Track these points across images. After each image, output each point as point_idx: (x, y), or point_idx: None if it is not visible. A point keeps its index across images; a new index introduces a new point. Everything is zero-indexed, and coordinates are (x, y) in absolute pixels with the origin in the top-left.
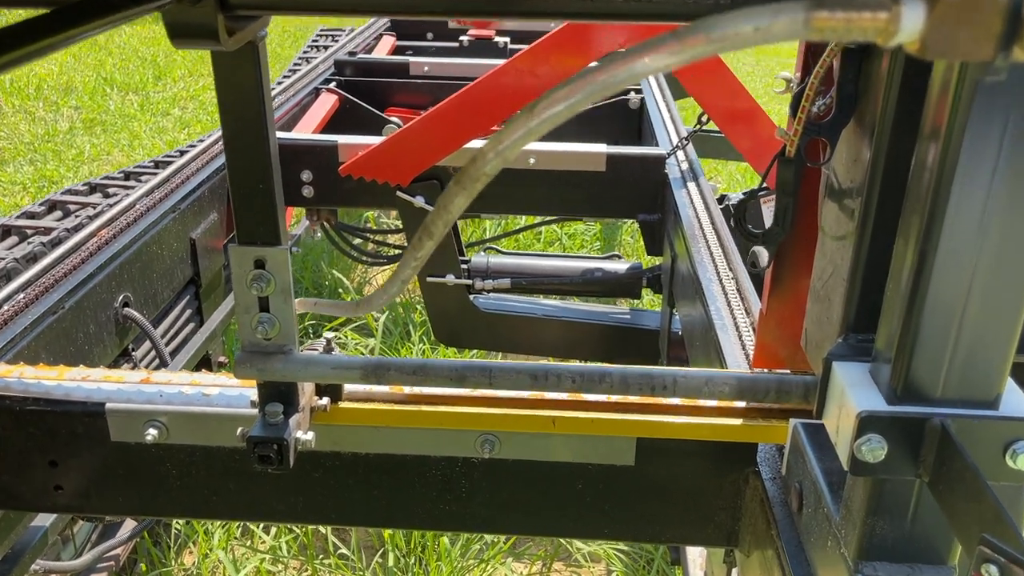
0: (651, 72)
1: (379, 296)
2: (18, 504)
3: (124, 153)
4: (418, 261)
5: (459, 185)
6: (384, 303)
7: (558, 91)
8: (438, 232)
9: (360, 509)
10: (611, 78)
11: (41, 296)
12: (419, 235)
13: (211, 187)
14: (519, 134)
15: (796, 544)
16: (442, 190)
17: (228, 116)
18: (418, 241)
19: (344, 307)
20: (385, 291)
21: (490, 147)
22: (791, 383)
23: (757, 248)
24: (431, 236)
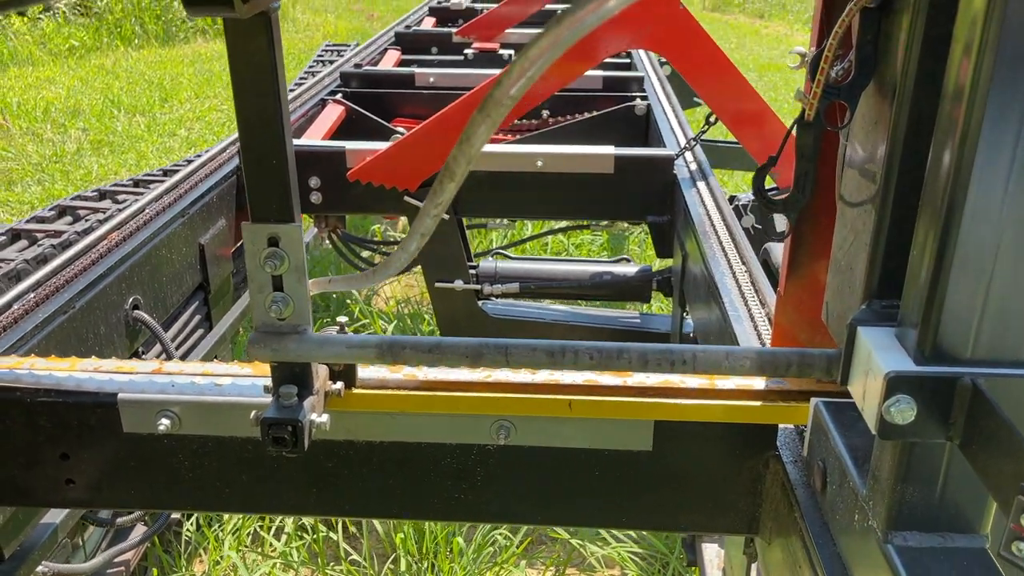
0: None
1: (397, 256)
2: (29, 500)
3: (131, 172)
4: (439, 208)
5: (483, 113)
6: (404, 263)
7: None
8: (460, 171)
9: (374, 500)
10: None
11: (52, 296)
12: (441, 176)
13: (220, 193)
14: (547, 49)
15: (821, 525)
16: None
17: (241, 88)
18: (439, 184)
19: (361, 279)
20: (404, 249)
21: (516, 68)
22: (813, 356)
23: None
24: (452, 176)
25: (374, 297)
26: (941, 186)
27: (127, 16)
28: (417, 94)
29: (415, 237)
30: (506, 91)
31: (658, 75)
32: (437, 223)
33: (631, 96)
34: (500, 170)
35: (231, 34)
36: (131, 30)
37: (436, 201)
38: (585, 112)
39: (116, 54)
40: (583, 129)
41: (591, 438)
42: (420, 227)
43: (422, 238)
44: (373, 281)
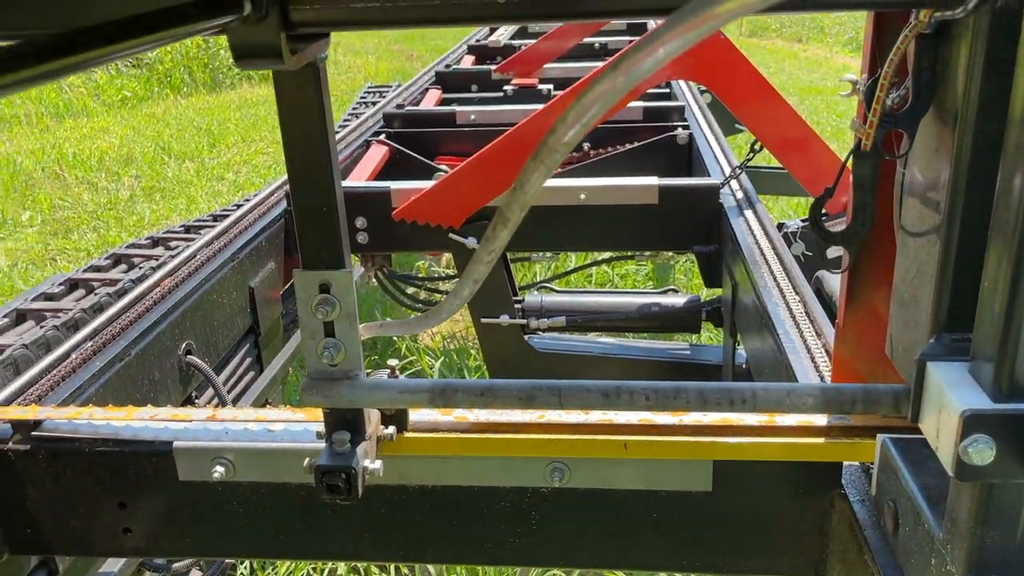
0: None
1: (450, 301)
2: (88, 549)
3: (182, 217)
4: (492, 255)
5: (536, 159)
6: (456, 309)
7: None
8: (514, 217)
9: (428, 545)
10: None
11: (108, 344)
12: (494, 223)
13: (268, 236)
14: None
15: (894, 568)
16: None
17: (291, 138)
18: (492, 231)
19: (413, 323)
20: (456, 295)
21: (572, 114)
22: (879, 392)
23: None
24: (506, 223)
25: (420, 334)
26: (1013, 211)
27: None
28: (459, 132)
29: (468, 283)
30: (560, 138)
31: (698, 103)
32: (490, 269)
33: (672, 126)
34: (543, 204)
35: (280, 86)
36: (180, 79)
37: (490, 248)
38: (627, 143)
39: (166, 102)
40: (625, 160)
41: (647, 479)
42: (473, 273)
43: (475, 284)
44: (425, 326)
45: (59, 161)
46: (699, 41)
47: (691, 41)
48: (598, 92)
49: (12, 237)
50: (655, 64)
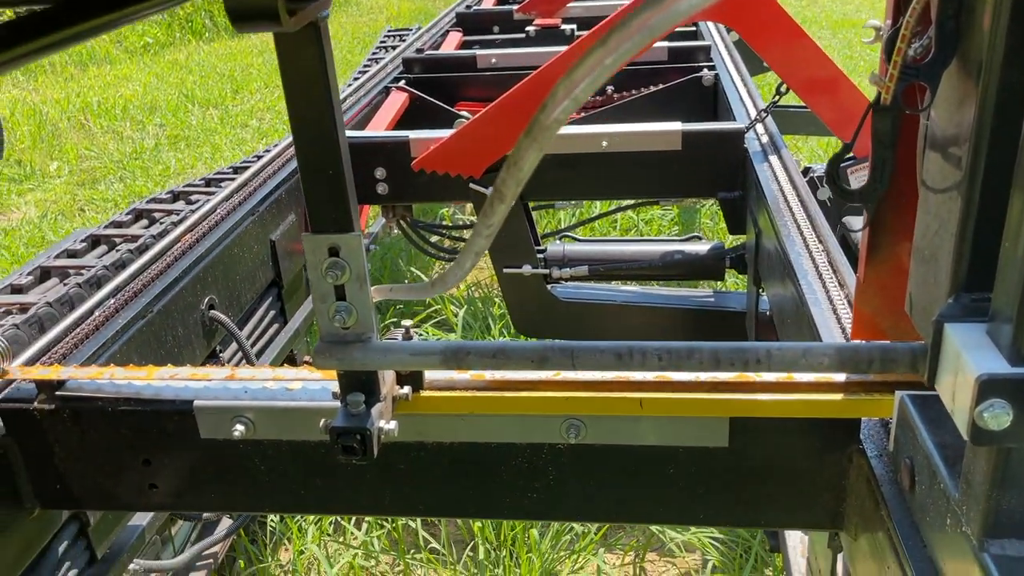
0: None
1: (454, 273)
2: (116, 504)
3: (207, 166)
4: (491, 229)
5: (529, 137)
6: (460, 279)
7: (634, 18)
8: (510, 193)
9: (447, 500)
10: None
11: (131, 301)
12: (490, 199)
13: (288, 189)
14: (593, 71)
15: (910, 524)
16: None
17: (294, 101)
18: (489, 207)
19: (419, 289)
20: (460, 266)
21: (562, 90)
22: (897, 351)
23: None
24: (503, 199)
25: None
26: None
27: (197, 11)
28: (479, 76)
29: (470, 256)
30: (550, 114)
31: (725, 43)
32: (490, 243)
33: (698, 67)
34: (565, 152)
35: (281, 47)
36: (201, 24)
37: (488, 223)
38: (651, 86)
39: (188, 48)
40: (649, 103)
41: (663, 435)
42: (474, 247)
43: (476, 256)
44: (432, 292)
45: (84, 110)
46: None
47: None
48: (587, 67)
49: (41, 188)
50: (645, 37)
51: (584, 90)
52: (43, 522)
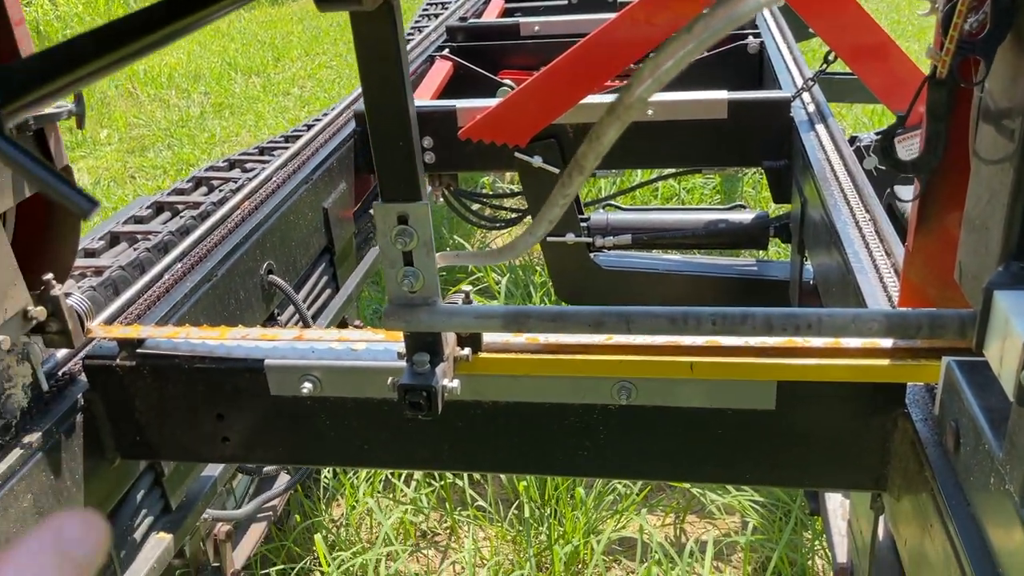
0: None
1: (523, 240)
2: (191, 455)
3: (251, 133)
4: (566, 199)
5: (612, 114)
6: (530, 246)
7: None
8: (589, 165)
9: (502, 455)
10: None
11: (196, 265)
12: (569, 170)
13: (339, 158)
14: (677, 54)
15: (953, 485)
16: (560, 149)
17: (368, 76)
18: (568, 177)
19: (486, 255)
20: (531, 234)
21: (647, 70)
22: (945, 318)
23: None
24: (582, 171)
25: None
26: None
27: None
28: (522, 44)
29: (543, 223)
30: (633, 94)
31: (771, 9)
32: (564, 211)
33: (743, 34)
34: None
35: (358, 25)
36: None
37: (565, 192)
38: None
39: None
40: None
41: (711, 398)
42: (548, 215)
43: (549, 224)
44: (499, 259)
45: (131, 79)
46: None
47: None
48: (671, 51)
49: (93, 155)
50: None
51: (667, 72)
52: (123, 472)
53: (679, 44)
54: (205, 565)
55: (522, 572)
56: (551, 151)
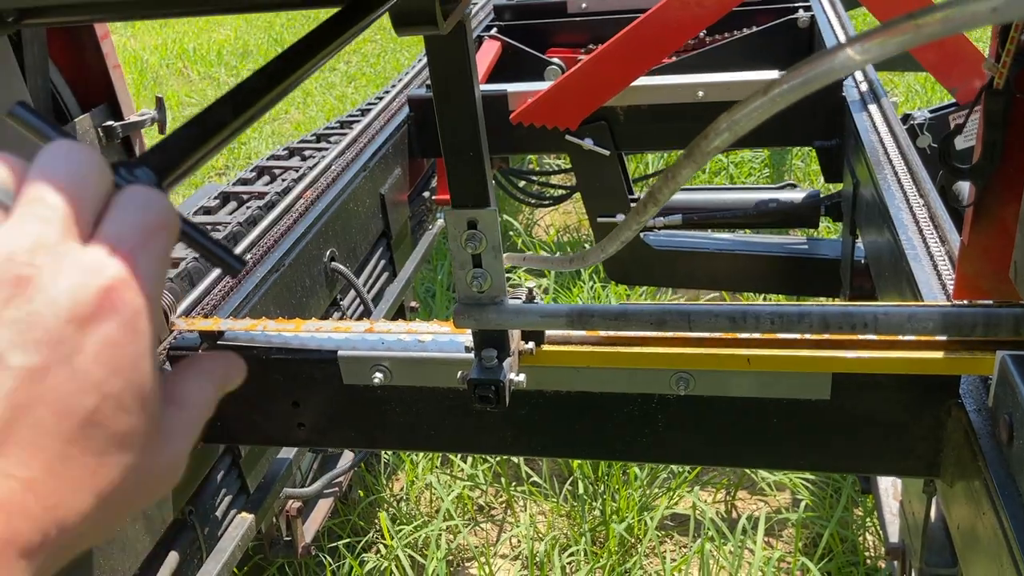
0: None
1: (595, 253)
2: (268, 440)
3: (300, 110)
4: (640, 224)
5: (689, 159)
6: (600, 260)
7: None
8: (663, 198)
9: (563, 442)
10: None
11: (265, 256)
12: (644, 201)
13: (394, 144)
14: (754, 113)
15: (1006, 476)
16: (610, 131)
17: (442, 93)
18: (642, 207)
19: (556, 261)
20: (603, 249)
21: (723, 124)
22: (1000, 316)
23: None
24: (656, 203)
25: (534, 227)
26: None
27: None
28: (570, 22)
29: (615, 243)
30: (712, 143)
31: None
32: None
33: (793, 7)
34: (661, 103)
35: (431, 45)
36: None
37: (639, 219)
38: (744, 28)
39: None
40: (742, 48)
41: (768, 388)
42: (621, 236)
43: (621, 243)
44: (568, 267)
45: (181, 57)
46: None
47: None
48: (748, 109)
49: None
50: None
51: (742, 126)
52: (204, 455)
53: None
54: (278, 540)
55: (577, 547)
56: (602, 133)
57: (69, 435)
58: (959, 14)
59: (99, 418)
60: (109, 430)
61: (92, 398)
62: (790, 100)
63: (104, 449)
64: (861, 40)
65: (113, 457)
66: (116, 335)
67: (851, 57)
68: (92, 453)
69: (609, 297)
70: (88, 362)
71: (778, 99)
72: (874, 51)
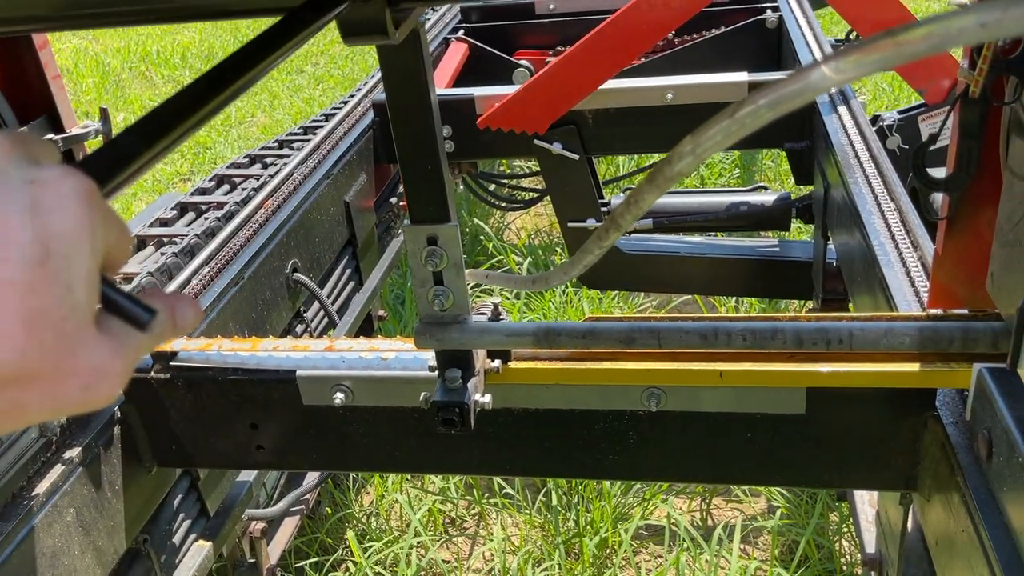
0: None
1: (557, 275)
2: (227, 463)
3: (266, 113)
4: (602, 249)
5: (652, 183)
6: (563, 282)
7: (760, 95)
8: (626, 223)
9: (531, 461)
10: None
11: (223, 269)
12: (607, 226)
13: (358, 150)
14: (718, 136)
15: (985, 491)
16: (579, 135)
17: (397, 104)
18: (605, 232)
19: (517, 281)
20: (564, 271)
21: (686, 148)
22: (978, 330)
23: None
24: (619, 228)
25: (505, 231)
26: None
27: None
28: (539, 23)
29: (577, 267)
30: (675, 167)
31: None
32: (600, 257)
33: (761, 7)
34: (629, 106)
35: (384, 55)
36: None
37: (601, 244)
38: (712, 29)
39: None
40: (711, 48)
41: (741, 403)
42: (583, 259)
43: (584, 267)
44: (531, 287)
45: (144, 60)
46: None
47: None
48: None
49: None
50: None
51: (707, 149)
52: (160, 479)
53: (722, 127)
54: (242, 562)
55: (552, 561)
56: (570, 137)
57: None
58: (944, 30)
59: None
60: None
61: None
62: (757, 124)
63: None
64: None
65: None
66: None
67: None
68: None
69: (581, 301)
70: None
71: (746, 121)
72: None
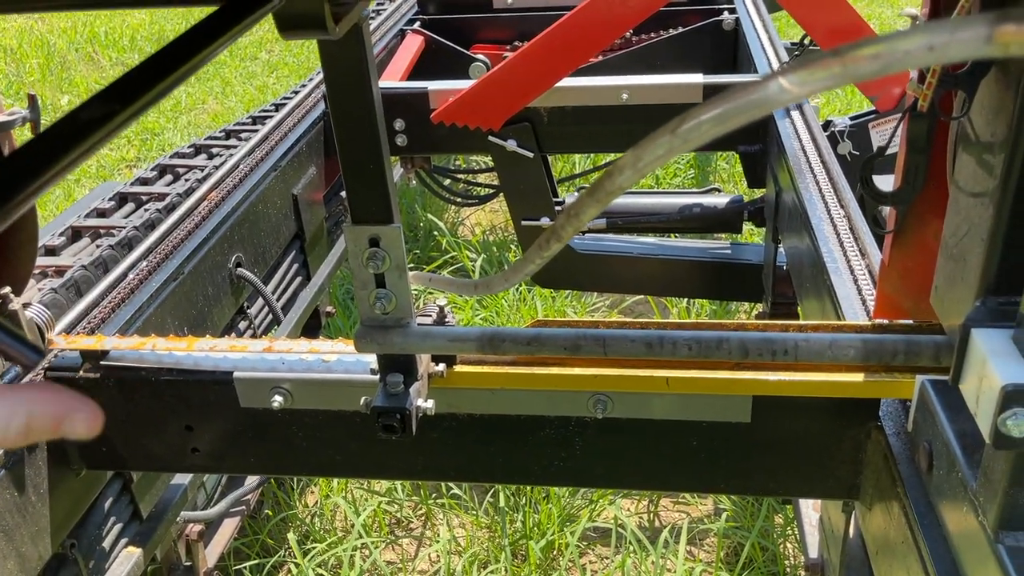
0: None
1: (499, 282)
2: (160, 466)
3: (218, 100)
4: (543, 259)
5: (592, 197)
6: (504, 288)
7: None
8: (567, 235)
9: (477, 466)
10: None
11: (162, 263)
12: (547, 237)
13: (308, 141)
14: (660, 151)
15: (925, 503)
16: (534, 133)
17: (338, 100)
18: (545, 243)
19: (461, 285)
20: (506, 279)
21: (628, 162)
22: (921, 344)
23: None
24: (559, 239)
25: (460, 227)
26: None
27: None
28: (496, 17)
29: (518, 275)
30: (616, 183)
31: None
32: (541, 267)
33: (718, 9)
34: (584, 104)
35: (324, 51)
36: None
37: (541, 255)
38: (670, 28)
39: None
40: (667, 48)
41: (688, 410)
42: (524, 269)
43: (524, 276)
44: (474, 293)
45: (91, 41)
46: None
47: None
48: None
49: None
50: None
51: (648, 164)
52: (89, 482)
53: (664, 143)
54: (177, 565)
55: (497, 564)
56: (525, 135)
57: None
58: (890, 51)
59: None
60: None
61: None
62: (702, 139)
63: None
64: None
65: None
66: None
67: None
68: None
69: (535, 299)
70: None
71: (688, 136)
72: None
